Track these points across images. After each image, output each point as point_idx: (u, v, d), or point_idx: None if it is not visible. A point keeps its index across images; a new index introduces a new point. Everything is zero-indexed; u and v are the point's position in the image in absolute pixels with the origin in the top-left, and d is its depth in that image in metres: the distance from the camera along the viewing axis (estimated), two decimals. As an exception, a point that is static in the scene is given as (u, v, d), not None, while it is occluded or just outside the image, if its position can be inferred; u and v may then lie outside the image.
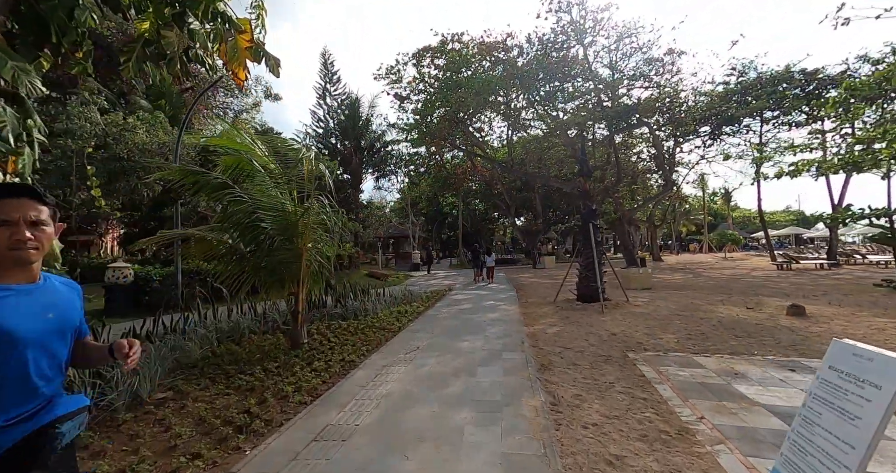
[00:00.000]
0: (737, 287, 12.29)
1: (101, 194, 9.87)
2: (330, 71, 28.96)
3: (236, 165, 5.82)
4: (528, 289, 13.81)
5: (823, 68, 17.80)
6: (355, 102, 25.73)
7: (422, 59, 22.29)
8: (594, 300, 9.06)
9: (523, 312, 8.95)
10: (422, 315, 8.79)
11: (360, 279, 15.45)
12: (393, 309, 9.09)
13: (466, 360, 5.19)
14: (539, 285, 14.85)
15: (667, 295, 10.82)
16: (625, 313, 8.24)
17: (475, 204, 42.74)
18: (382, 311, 8.83)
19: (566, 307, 9.25)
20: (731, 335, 6.24)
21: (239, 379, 4.39)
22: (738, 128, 21.17)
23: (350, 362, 5.18)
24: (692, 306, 8.87)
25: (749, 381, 4.22)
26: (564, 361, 5.16)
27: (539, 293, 12.51)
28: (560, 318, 8.04)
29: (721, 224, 56.22)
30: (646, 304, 9.27)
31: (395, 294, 10.72)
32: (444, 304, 10.57)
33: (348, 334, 6.80)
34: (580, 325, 7.28)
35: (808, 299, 9.42)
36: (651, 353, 5.45)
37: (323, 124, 27.16)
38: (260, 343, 6.10)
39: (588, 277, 9.18)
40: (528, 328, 7.23)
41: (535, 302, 10.52)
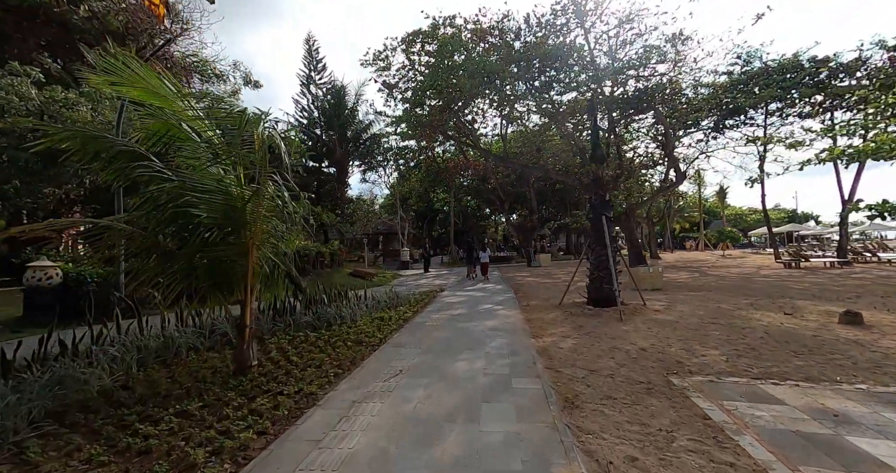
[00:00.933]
0: (756, 288, 11.23)
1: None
2: (315, 58, 27.34)
3: (166, 131, 4.43)
4: (527, 290, 12.60)
5: (835, 56, 16.88)
6: (341, 90, 24.19)
7: (412, 44, 20.89)
8: (609, 305, 7.86)
9: (527, 318, 7.71)
10: (409, 323, 7.48)
11: (342, 279, 14.07)
12: (375, 316, 7.77)
13: (465, 392, 3.90)
14: (539, 286, 13.65)
15: (685, 297, 9.68)
16: (647, 320, 7.04)
17: (467, 201, 41.50)
18: (363, 318, 7.51)
19: (576, 312, 8.02)
20: (789, 351, 5.06)
21: (134, 432, 3.03)
22: (744, 119, 20.21)
23: (309, 395, 3.86)
24: (721, 311, 7.71)
25: (863, 428, 3.02)
26: (594, 392, 3.91)
27: (540, 295, 11.30)
28: (572, 327, 6.80)
29: (713, 222, 55.93)
30: (666, 309, 8.09)
31: (380, 297, 9.39)
32: (434, 308, 9.27)
33: (316, 350, 5.46)
34: (599, 337, 6.05)
35: (845, 302, 8.35)
36: (700, 378, 4.24)
37: (307, 114, 25.56)
38: (196, 367, 4.73)
39: (601, 277, 7.97)
40: (536, 340, 5.97)
41: (539, 306, 9.29)
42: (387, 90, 23.18)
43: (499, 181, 26.35)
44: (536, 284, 14.40)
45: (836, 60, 16.76)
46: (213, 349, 5.50)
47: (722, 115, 20.29)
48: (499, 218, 52.72)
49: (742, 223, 56.50)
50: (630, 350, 5.29)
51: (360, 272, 15.37)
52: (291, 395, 3.84)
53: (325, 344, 5.73)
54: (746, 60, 20.08)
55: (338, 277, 13.98)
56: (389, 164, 27.42)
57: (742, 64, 20.17)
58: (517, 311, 8.62)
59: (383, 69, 22.60)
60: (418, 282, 15.85)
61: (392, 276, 17.71)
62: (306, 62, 27.34)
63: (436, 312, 8.73)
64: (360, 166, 26.68)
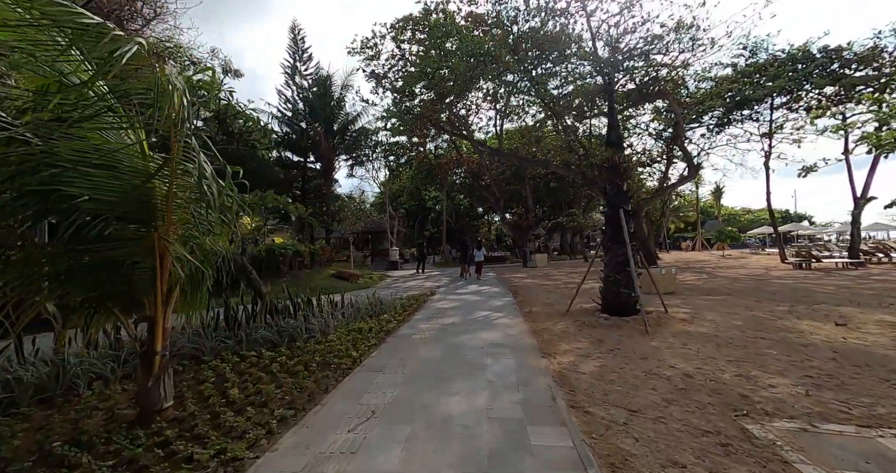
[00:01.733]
0: (777, 292, 10.19)
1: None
2: (300, 47, 25.87)
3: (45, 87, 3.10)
4: (526, 293, 11.42)
5: (849, 45, 16.01)
6: (326, 79, 22.79)
7: (402, 32, 19.64)
8: (628, 313, 6.70)
9: (532, 329, 6.51)
10: (392, 336, 6.24)
11: (323, 282, 12.76)
12: (352, 327, 6.50)
13: (460, 456, 2.67)
14: (538, 289, 12.48)
15: (706, 303, 8.57)
16: (678, 333, 5.88)
17: (460, 199, 40.32)
18: (337, 330, 6.24)
19: (589, 321, 6.84)
20: (878, 378, 3.93)
21: None
22: (750, 114, 19.32)
23: (230, 463, 2.60)
24: (759, 321, 6.60)
25: None
26: (649, 452, 2.70)
27: (541, 299, 10.13)
28: (590, 341, 5.61)
29: (708, 222, 55.49)
30: (694, 318, 6.95)
31: (361, 303, 8.12)
32: (423, 316, 8.03)
33: (267, 377, 4.20)
34: (627, 356, 4.86)
35: (887, 308, 7.31)
36: (786, 423, 3.07)
37: (291, 105, 24.10)
38: (87, 409, 3.43)
39: (618, 281, 6.80)
40: (549, 360, 4.78)
41: (543, 313, 8.11)
42: (375, 81, 21.89)
43: (493, 178, 25.19)
44: (535, 286, 13.23)
45: (851, 49, 15.89)
46: (130, 378, 4.20)
47: (727, 108, 19.40)
48: (492, 217, 51.68)
49: (736, 223, 56.15)
50: (672, 377, 4.11)
51: (343, 274, 14.09)
52: (204, 463, 2.57)
53: (281, 369, 4.46)
54: (753, 51, 19.19)
55: (318, 279, 12.68)
56: (377, 157, 26.00)
57: (748, 55, 19.30)
58: (519, 319, 7.43)
59: (372, 58, 21.27)
60: (407, 284, 14.59)
61: (379, 277, 16.41)
62: (291, 52, 25.87)
63: (425, 320, 7.49)
64: (347, 161, 25.29)
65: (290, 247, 11.97)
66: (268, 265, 11.30)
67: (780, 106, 20.13)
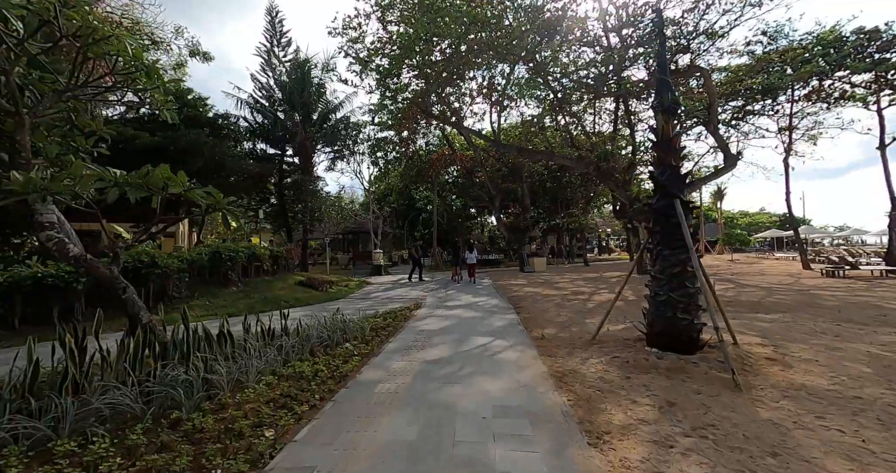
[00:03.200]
0: (847, 309, 8.28)
1: None
2: (277, 30, 23.62)
3: None
4: (531, 307, 9.37)
5: (888, 26, 14.33)
6: (305, 63, 20.54)
7: (388, 9, 17.57)
8: (688, 349, 4.66)
9: (555, 372, 4.44)
10: (345, 386, 4.11)
11: (285, 291, 10.56)
12: (287, 369, 4.36)
13: None
14: (545, 301, 10.43)
15: (778, 328, 6.59)
16: (782, 387, 3.84)
17: (452, 199, 38.27)
18: (263, 378, 4.09)
19: (634, 360, 4.77)
20: None
21: None
22: (771, 105, 17.59)
23: None
24: (882, 360, 4.61)
25: None
26: None
27: (552, 317, 8.08)
28: (653, 403, 3.53)
29: (707, 225, 54.18)
30: (782, 355, 4.93)
31: (316, 326, 5.96)
32: (400, 345, 5.91)
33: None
34: (735, 445, 2.80)
35: None
36: None
37: (266, 93, 21.78)
38: None
39: (673, 302, 4.76)
40: (601, 452, 2.70)
41: (561, 341, 6.05)
42: (360, 66, 19.68)
43: (488, 176, 23.18)
44: (540, 297, 11.19)
45: (891, 29, 14.21)
46: None
47: (746, 99, 17.67)
48: (485, 219, 49.67)
49: (734, 227, 54.94)
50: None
51: (313, 281, 11.92)
52: None
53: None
54: (773, 37, 17.50)
55: (279, 288, 10.50)
56: (363, 152, 23.78)
57: (766, 42, 17.61)
58: (532, 352, 5.35)
59: (355, 41, 19.16)
60: (390, 293, 12.45)
61: (358, 284, 14.23)
62: (268, 35, 23.60)
63: (400, 354, 5.37)
64: (329, 154, 23.06)
65: (243, 250, 9.78)
66: (212, 273, 9.09)
67: (799, 99, 18.50)
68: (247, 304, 8.57)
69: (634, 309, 8.24)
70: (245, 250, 9.95)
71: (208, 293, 8.65)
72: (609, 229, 48.83)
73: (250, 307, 8.42)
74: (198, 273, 8.85)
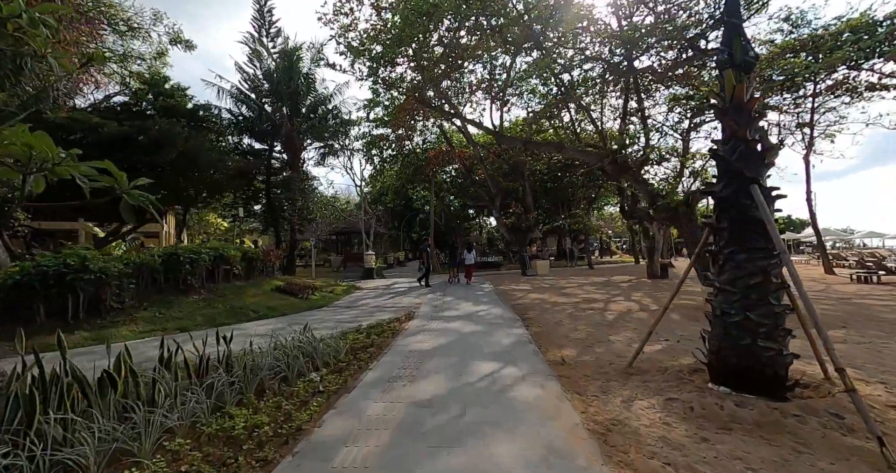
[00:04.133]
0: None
1: None
2: (266, 20, 22.34)
3: None
4: (541, 319, 8.07)
5: (926, 9, 13.16)
6: (293, 51, 19.21)
7: (383, -7, 16.33)
8: (775, 391, 3.37)
9: (592, 425, 3.14)
10: (290, 455, 2.79)
11: (259, 299, 9.23)
12: (216, 421, 3.04)
13: None
14: (555, 311, 9.13)
15: (856, 352, 5.33)
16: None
17: (450, 200, 37.02)
18: (178, 438, 2.77)
19: (702, 404, 3.46)
20: None
21: None
22: (793, 98, 16.43)
23: None
24: None
25: None
26: None
27: (569, 332, 6.79)
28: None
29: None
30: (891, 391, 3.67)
31: (281, 344, 4.65)
32: (381, 375, 4.59)
33: None
34: None
35: None
36: None
37: (251, 85, 20.41)
38: None
39: (750, 324, 3.47)
40: None
41: (588, 367, 4.76)
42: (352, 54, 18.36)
43: (488, 174, 21.90)
44: (549, 305, 9.89)
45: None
46: None
47: (763, 92, 16.47)
48: (484, 220, 48.38)
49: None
50: None
51: (293, 286, 10.59)
52: None
53: None
54: (795, 24, 16.36)
55: (251, 295, 9.15)
56: (351, 143, 22.39)
57: (788, 29, 16.47)
58: (554, 387, 4.05)
59: (346, 29, 17.88)
60: (379, 301, 11.13)
61: (345, 290, 12.88)
62: (257, 25, 22.29)
63: (380, 389, 4.05)
64: (319, 149, 21.69)
65: (207, 251, 8.42)
66: (168, 278, 7.74)
67: (821, 92, 17.33)
68: (207, 315, 7.25)
69: (662, 322, 6.96)
70: (209, 251, 8.59)
71: (161, 303, 7.31)
72: (610, 230, 47.65)
73: (211, 318, 7.10)
74: (150, 279, 7.52)
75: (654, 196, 9.16)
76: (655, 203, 9.10)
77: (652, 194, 9.21)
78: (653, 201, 9.15)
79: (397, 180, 34.26)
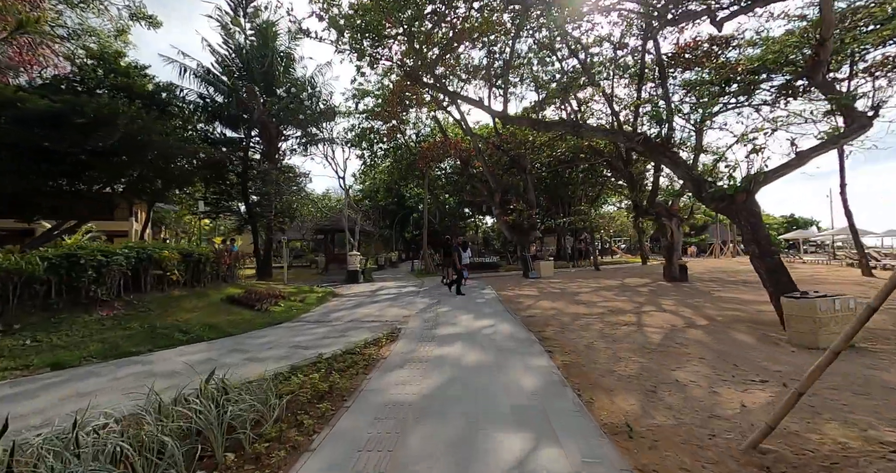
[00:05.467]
0: None
1: None
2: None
3: None
4: (564, 339, 6.15)
5: None
6: (268, 27, 17.09)
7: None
8: None
9: None
10: None
11: (195, 315, 7.18)
12: None
13: None
14: (576, 325, 7.21)
15: None
16: None
17: (445, 198, 35.10)
18: None
19: None
20: None
21: None
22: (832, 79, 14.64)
23: None
24: None
25: None
26: None
27: (610, 364, 4.86)
28: None
29: (710, 226, 51.71)
30: None
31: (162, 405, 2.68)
32: (330, 464, 2.64)
33: None
34: None
35: None
36: None
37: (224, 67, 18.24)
38: None
39: None
40: None
41: (674, 442, 2.83)
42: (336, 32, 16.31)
43: (487, 167, 19.97)
44: (568, 319, 7.95)
45: None
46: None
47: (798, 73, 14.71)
48: (480, 219, 46.45)
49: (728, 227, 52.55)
50: None
51: (253, 295, 8.58)
52: None
53: None
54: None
55: (192, 307, 7.09)
56: (331, 127, 20.25)
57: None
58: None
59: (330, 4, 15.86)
60: (357, 312, 9.12)
61: (319, 298, 10.81)
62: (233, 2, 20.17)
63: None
64: (299, 138, 19.55)
65: (122, 252, 6.35)
66: (62, 289, 5.67)
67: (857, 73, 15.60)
68: (109, 341, 5.23)
69: (725, 346, 5.03)
70: (126, 252, 6.52)
71: (43, 324, 5.27)
72: (612, 229, 45.93)
73: (112, 346, 5.09)
74: (30, 291, 5.47)
75: (700, 182, 7.29)
76: (702, 191, 7.23)
77: (698, 179, 7.35)
78: (699, 188, 7.28)
79: (389, 176, 32.30)
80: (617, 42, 15.41)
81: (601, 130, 10.22)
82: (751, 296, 10.68)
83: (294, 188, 18.96)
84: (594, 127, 11.02)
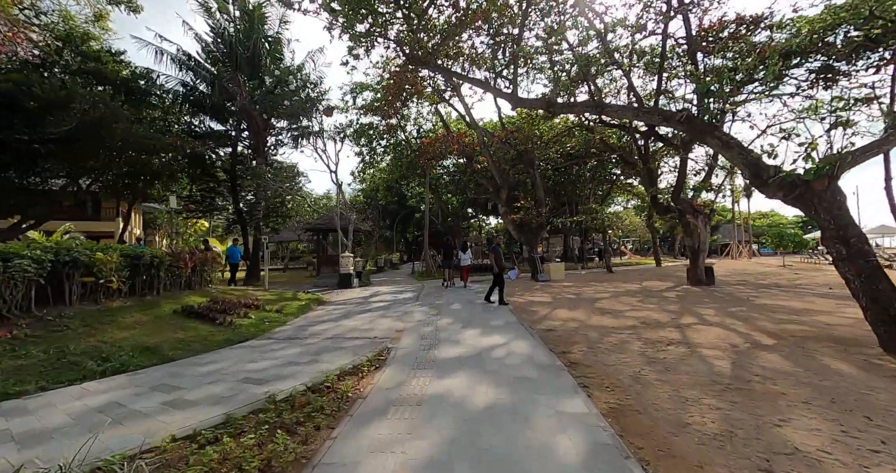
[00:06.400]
0: None
1: None
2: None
3: None
4: (598, 365, 4.71)
5: None
6: (254, 9, 15.75)
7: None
8: None
9: None
10: None
11: (141, 329, 5.79)
12: None
13: None
14: (614, 346, 5.76)
15: None
16: None
17: (447, 198, 33.72)
18: None
19: None
20: None
21: None
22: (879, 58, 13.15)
23: None
24: None
25: None
26: None
27: (677, 409, 3.40)
28: None
29: (721, 226, 49.96)
30: None
31: None
32: None
33: None
34: None
35: None
36: None
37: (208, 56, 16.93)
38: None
39: None
40: None
41: None
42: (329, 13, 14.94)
43: (493, 163, 18.53)
44: (596, 335, 6.50)
45: None
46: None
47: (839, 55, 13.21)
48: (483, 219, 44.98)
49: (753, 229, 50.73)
50: None
51: (218, 305, 7.20)
52: None
53: None
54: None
55: (132, 322, 5.70)
56: (321, 118, 18.82)
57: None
58: None
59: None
60: (341, 326, 7.70)
61: (301, 307, 9.38)
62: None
63: None
64: (290, 131, 18.17)
65: (31, 255, 4.99)
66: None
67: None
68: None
69: (831, 389, 3.58)
70: (39, 253, 5.14)
71: None
72: (620, 229, 44.32)
73: (-11, 382, 3.70)
74: None
75: (758, 167, 5.86)
76: (763, 177, 5.80)
77: (755, 163, 5.91)
78: (758, 173, 5.84)
79: (389, 174, 31.00)
80: (633, 25, 13.99)
81: (631, 108, 8.76)
82: (798, 304, 9.21)
83: (286, 186, 17.58)
84: (623, 105, 9.58)
